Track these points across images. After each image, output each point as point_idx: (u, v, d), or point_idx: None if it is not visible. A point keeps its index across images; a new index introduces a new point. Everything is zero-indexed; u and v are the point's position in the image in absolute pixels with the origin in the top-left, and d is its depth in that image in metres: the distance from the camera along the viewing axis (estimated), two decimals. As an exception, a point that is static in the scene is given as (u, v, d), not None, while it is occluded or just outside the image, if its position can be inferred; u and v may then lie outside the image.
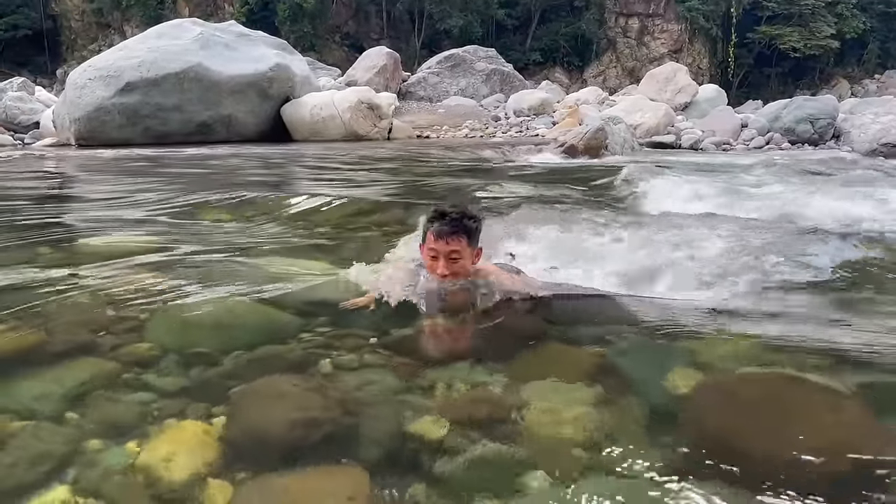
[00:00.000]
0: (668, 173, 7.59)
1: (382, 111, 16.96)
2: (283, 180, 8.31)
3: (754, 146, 15.54)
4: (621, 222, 4.48)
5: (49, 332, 2.34)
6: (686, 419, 1.82)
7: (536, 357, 2.25)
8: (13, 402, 1.83)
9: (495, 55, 27.30)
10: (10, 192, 6.95)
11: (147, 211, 5.27)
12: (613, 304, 2.79)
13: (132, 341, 2.26)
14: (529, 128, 19.23)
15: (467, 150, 13.01)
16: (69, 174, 9.30)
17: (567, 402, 1.85)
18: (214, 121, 15.24)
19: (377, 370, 2.07)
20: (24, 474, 1.51)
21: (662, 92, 21.43)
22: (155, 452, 1.58)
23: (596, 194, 6.61)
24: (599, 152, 11.53)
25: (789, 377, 2.04)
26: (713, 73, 41.93)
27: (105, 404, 1.84)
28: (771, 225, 4.58)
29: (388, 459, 1.63)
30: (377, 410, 1.82)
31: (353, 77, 23.48)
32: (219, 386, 1.94)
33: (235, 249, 3.76)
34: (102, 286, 2.91)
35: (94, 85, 14.39)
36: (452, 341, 2.49)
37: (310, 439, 1.67)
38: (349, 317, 2.54)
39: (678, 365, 2.11)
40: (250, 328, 2.42)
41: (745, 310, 2.72)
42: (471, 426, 1.73)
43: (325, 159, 10.96)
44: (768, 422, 1.76)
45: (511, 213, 4.69)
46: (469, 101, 23.87)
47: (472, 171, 9.40)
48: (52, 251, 3.68)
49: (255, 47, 16.67)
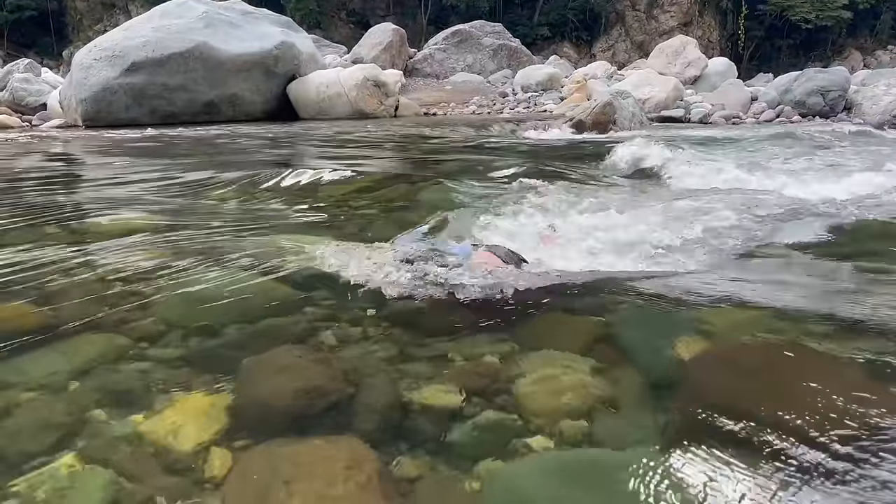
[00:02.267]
0: (677, 147, 7.53)
1: (389, 88, 16.88)
2: (289, 159, 8.30)
3: (764, 119, 15.41)
4: (630, 196, 4.47)
5: (57, 308, 2.37)
6: (688, 387, 1.82)
7: (537, 326, 2.25)
8: (22, 375, 1.86)
9: (502, 30, 27.05)
10: (19, 173, 6.98)
11: (153, 190, 5.29)
12: (613, 275, 2.78)
13: (138, 317, 2.28)
14: (537, 103, 19.10)
15: (474, 127, 12.95)
16: (76, 155, 9.33)
17: (568, 371, 1.86)
18: (220, 100, 15.21)
19: (379, 341, 2.09)
20: (31, 443, 1.54)
21: (671, 65, 21.21)
22: (161, 423, 1.60)
23: (604, 169, 6.58)
24: (608, 127, 11.46)
25: (793, 345, 2.04)
26: (723, 45, 41.46)
27: (112, 377, 1.86)
28: (776, 197, 4.55)
29: (390, 428, 1.64)
30: (379, 380, 1.84)
31: (359, 54, 23.34)
32: (224, 358, 1.96)
33: (240, 227, 3.77)
34: (109, 263, 2.93)
35: (99, 65, 14.37)
36: (452, 312, 2.50)
37: (313, 409, 1.69)
38: (351, 290, 2.56)
39: (681, 333, 2.11)
40: (254, 302, 2.43)
41: (749, 279, 2.71)
42: (472, 395, 1.75)
43: (331, 137, 10.94)
44: (772, 389, 1.77)
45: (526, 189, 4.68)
46: (476, 77, 23.71)
47: (479, 147, 9.36)
48: (60, 230, 3.70)
49: (260, 25, 16.58)
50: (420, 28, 37.99)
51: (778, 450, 1.48)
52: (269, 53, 15.66)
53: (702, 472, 1.42)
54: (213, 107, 15.19)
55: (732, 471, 1.42)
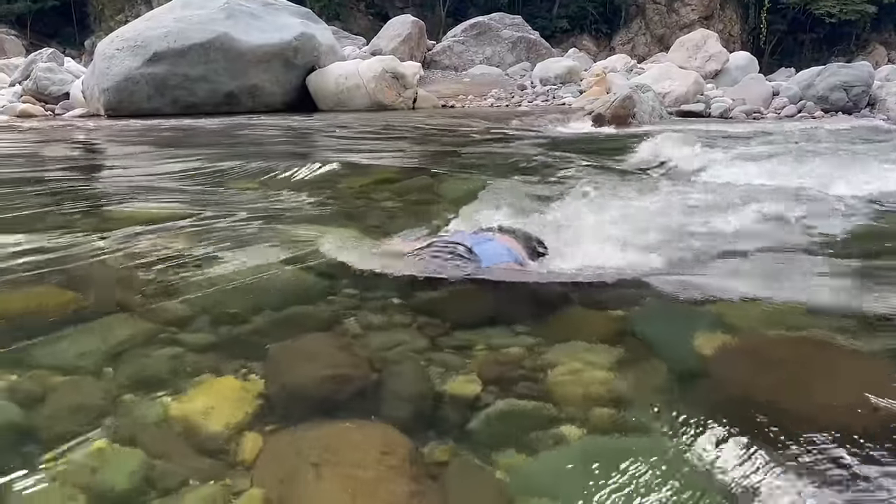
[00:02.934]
0: (702, 141, 7.49)
1: (407, 80, 16.88)
2: (309, 150, 8.34)
3: (785, 114, 15.24)
4: (653, 189, 4.46)
5: (85, 293, 2.41)
6: (711, 380, 1.83)
7: (561, 319, 2.27)
8: (54, 357, 1.90)
9: (522, 23, 26.92)
10: (45, 161, 7.08)
11: (176, 179, 5.34)
12: (635, 269, 2.79)
13: (165, 302, 2.32)
14: (556, 96, 19.01)
15: (492, 120, 12.93)
16: (100, 144, 9.43)
17: (593, 363, 1.87)
18: (241, 91, 15.28)
19: (404, 330, 2.11)
20: (64, 425, 1.57)
21: (692, 59, 21.02)
22: (190, 406, 1.64)
23: (626, 162, 6.55)
24: (627, 121, 11.40)
25: (816, 340, 2.04)
26: (745, 39, 40.95)
27: (142, 360, 1.90)
28: (800, 192, 4.52)
29: (417, 416, 1.67)
30: (405, 368, 1.86)
31: (378, 46, 23.34)
32: (251, 344, 1.99)
33: (263, 216, 3.81)
34: (136, 250, 2.97)
35: (122, 55, 14.49)
36: (477, 305, 2.52)
37: (341, 395, 1.72)
38: (377, 280, 2.58)
39: (703, 328, 2.12)
40: (280, 290, 2.47)
41: (774, 274, 2.71)
42: (497, 385, 1.77)
43: (350, 129, 10.97)
44: (794, 383, 1.77)
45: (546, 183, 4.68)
46: (495, 69, 23.64)
47: (497, 140, 9.35)
48: (87, 217, 3.76)
49: (280, 16, 16.62)
50: (439, 20, 37.85)
51: (801, 442, 1.49)
52: (289, 45, 15.71)
53: (725, 462, 1.43)
54: (234, 97, 15.27)
55: (756, 462, 1.43)
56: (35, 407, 1.65)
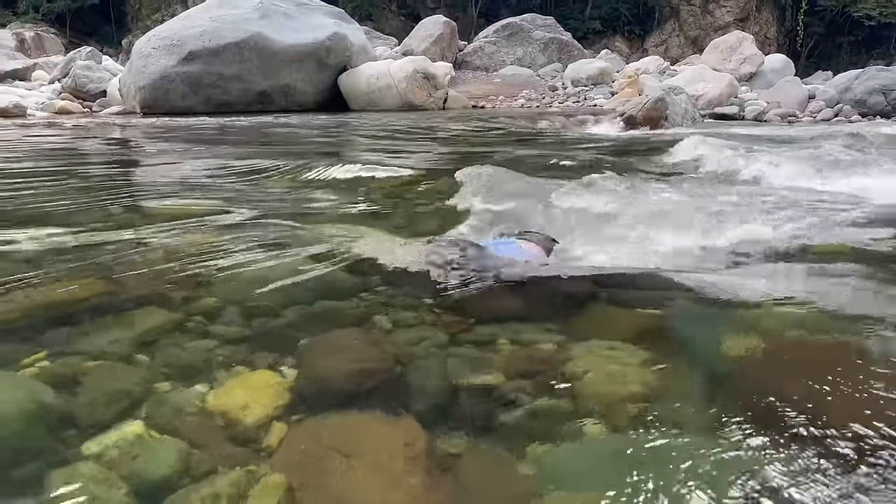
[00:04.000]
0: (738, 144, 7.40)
1: (438, 81, 16.94)
2: (341, 149, 8.42)
3: (822, 118, 15.02)
4: (686, 192, 4.43)
5: (120, 285, 2.47)
6: (740, 382, 1.82)
7: (586, 317, 2.28)
8: (88, 344, 1.95)
9: (554, 24, 26.86)
10: (82, 158, 7.24)
11: (210, 176, 5.43)
12: (664, 269, 2.78)
13: (198, 295, 2.37)
14: (587, 98, 18.95)
15: (523, 120, 12.92)
16: (136, 141, 9.61)
17: (619, 361, 1.88)
18: (274, 90, 15.48)
19: (432, 327, 2.13)
20: (101, 410, 1.62)
21: (726, 62, 20.80)
22: (226, 396, 1.68)
23: (660, 164, 6.51)
24: (659, 123, 11.33)
25: (848, 344, 2.02)
26: (781, 42, 40.38)
27: (174, 350, 1.94)
28: (842, 197, 4.46)
29: (440, 409, 1.69)
30: (431, 363, 1.88)
31: (410, 46, 23.46)
32: (282, 337, 2.03)
33: (294, 214, 3.86)
34: (169, 244, 3.04)
35: (158, 54, 14.77)
36: (503, 302, 2.54)
37: (367, 388, 1.75)
38: (405, 277, 2.61)
39: (732, 329, 2.11)
40: (310, 286, 2.50)
41: (807, 278, 2.68)
42: (523, 381, 1.78)
43: (381, 129, 11.04)
44: (825, 387, 1.76)
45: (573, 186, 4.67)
46: (526, 70, 23.62)
47: (527, 141, 9.35)
48: (122, 211, 3.85)
49: (314, 16, 16.80)
50: (470, 21, 37.91)
51: (833, 447, 1.48)
52: (322, 45, 15.87)
53: (754, 463, 1.43)
54: (267, 96, 15.47)
55: (785, 465, 1.42)
56: (70, 391, 1.70)
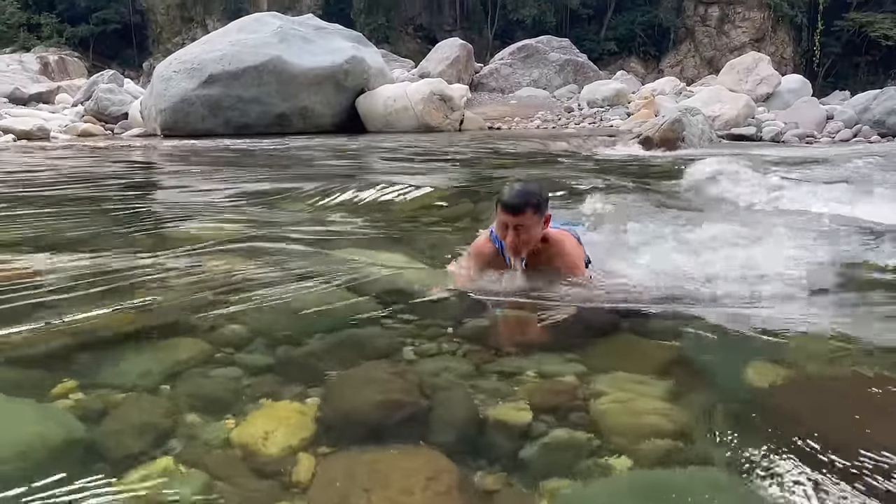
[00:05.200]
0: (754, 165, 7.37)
1: (454, 103, 17.05)
2: (359, 171, 8.48)
3: (840, 139, 14.92)
4: (705, 216, 4.41)
5: (147, 313, 2.50)
6: (764, 414, 1.81)
7: (609, 348, 2.27)
8: (117, 376, 1.97)
9: (569, 45, 26.99)
10: (105, 181, 7.34)
11: (231, 200, 5.49)
12: (686, 298, 2.77)
13: (223, 323, 2.39)
14: (603, 119, 18.98)
15: (539, 142, 12.95)
16: (157, 164, 9.74)
17: (643, 394, 1.87)
18: (292, 112, 15.65)
19: (455, 358, 2.14)
20: (131, 443, 1.63)
21: (743, 82, 20.75)
22: (251, 428, 1.68)
23: (678, 187, 6.49)
24: (676, 144, 11.29)
25: (872, 376, 2.00)
26: (797, 62, 40.27)
27: (201, 381, 1.96)
28: (856, 223, 4.41)
29: (466, 442, 1.68)
30: (455, 395, 1.88)
31: (426, 69, 23.65)
32: (307, 367, 2.04)
33: (316, 239, 3.89)
34: (193, 271, 3.07)
35: (178, 77, 14.99)
36: (526, 331, 2.54)
37: (393, 420, 1.75)
38: (426, 307, 2.62)
39: (756, 360, 2.09)
40: (335, 314, 2.52)
41: (830, 307, 2.66)
42: (546, 413, 1.78)
43: (399, 150, 11.11)
44: (850, 420, 1.74)
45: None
46: (541, 91, 23.71)
47: (543, 163, 9.36)
48: (146, 237, 3.90)
49: (332, 40, 17.00)
50: (486, 43, 38.17)
51: (859, 481, 1.46)
52: (340, 68, 16.03)
53: (777, 498, 1.42)
54: (285, 119, 15.63)
55: (811, 498, 1.41)
56: (101, 424, 1.71)
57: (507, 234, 2.73)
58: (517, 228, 2.72)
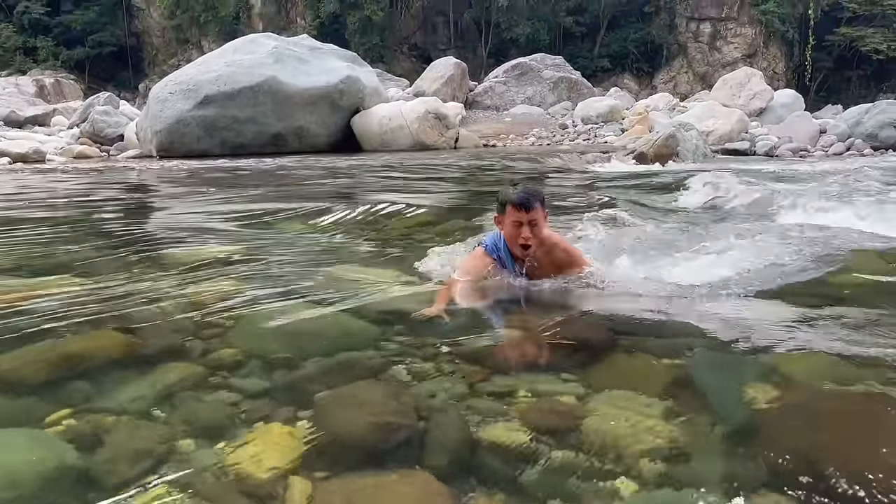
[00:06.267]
0: (750, 180, 7.40)
1: (449, 121, 17.12)
2: (354, 190, 8.49)
3: (833, 153, 15.01)
4: (703, 230, 4.41)
5: (141, 337, 2.48)
6: (765, 434, 1.79)
7: (606, 367, 2.25)
8: (111, 401, 1.95)
9: (563, 63, 27.14)
10: (100, 203, 7.33)
11: (226, 221, 5.48)
12: (684, 315, 2.76)
13: (217, 346, 2.37)
14: (598, 135, 19.05)
15: (534, 159, 12.99)
16: (153, 185, 9.74)
17: (640, 414, 1.85)
18: (287, 132, 15.69)
19: (450, 378, 2.12)
20: (124, 469, 1.61)
21: (736, 97, 20.89)
22: (244, 453, 1.66)
23: (674, 201, 6.51)
24: (670, 159, 11.36)
25: (872, 394, 1.99)
26: (789, 77, 40.59)
27: (195, 405, 1.94)
28: (850, 236, 4.42)
29: (461, 465, 1.66)
30: (450, 417, 1.86)
31: (421, 88, 23.76)
32: (301, 390, 2.02)
33: (311, 258, 3.88)
34: (187, 294, 3.05)
35: (174, 98, 15.03)
36: (522, 351, 2.52)
37: (387, 443, 1.73)
38: (421, 326, 2.61)
39: (754, 379, 2.08)
40: (329, 335, 2.50)
41: (824, 323, 2.65)
42: (543, 434, 1.76)
43: (394, 169, 11.13)
44: (850, 438, 1.73)
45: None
46: (536, 109, 23.81)
47: (539, 179, 9.39)
48: (141, 259, 3.88)
49: (327, 60, 17.08)
50: (480, 61, 38.42)
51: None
52: (335, 87, 16.10)
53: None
54: (281, 138, 15.67)
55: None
56: (94, 451, 1.69)
57: (522, 231, 2.87)
58: (531, 224, 2.86)
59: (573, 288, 3.10)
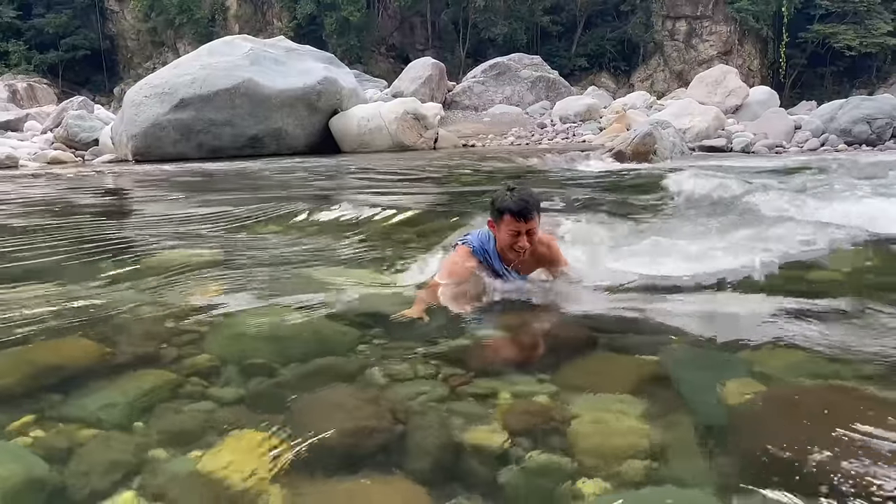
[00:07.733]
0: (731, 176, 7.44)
1: (428, 121, 17.08)
2: (332, 192, 8.43)
3: (808, 148, 15.17)
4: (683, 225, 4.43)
5: (113, 344, 2.44)
6: (742, 431, 1.79)
7: (586, 367, 2.25)
8: (82, 410, 1.91)
9: (540, 62, 27.20)
10: (73, 209, 7.22)
11: (202, 225, 5.42)
12: (662, 312, 2.76)
13: (192, 353, 2.33)
14: (576, 134, 19.10)
15: (513, 158, 13.00)
16: (127, 190, 9.61)
17: (619, 413, 1.85)
18: (265, 134, 15.56)
19: (429, 381, 2.10)
20: (96, 481, 1.57)
21: (712, 95, 21.04)
22: (217, 461, 1.63)
23: (652, 198, 6.53)
24: (648, 157, 11.41)
25: (848, 389, 2.00)
26: (764, 74, 41.04)
27: (169, 414, 1.90)
28: (829, 231, 4.46)
29: (440, 469, 1.65)
30: (429, 420, 1.85)
31: (399, 88, 23.70)
32: (277, 396, 1.99)
33: (288, 261, 3.85)
34: (162, 299, 3.01)
35: (149, 102, 14.85)
36: (501, 351, 2.51)
37: (365, 448, 1.71)
38: (400, 328, 2.58)
39: (732, 376, 2.08)
40: (305, 340, 2.48)
41: (808, 317, 2.66)
42: (522, 436, 1.75)
43: (373, 170, 11.08)
44: (827, 434, 1.73)
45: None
46: (514, 108, 23.84)
47: (518, 179, 9.39)
48: (114, 265, 3.82)
49: (304, 61, 16.97)
50: (459, 61, 38.42)
51: (835, 499, 1.45)
52: (313, 89, 15.99)
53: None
54: (258, 141, 15.53)
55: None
56: (64, 462, 1.66)
57: (519, 240, 2.85)
58: (528, 233, 2.85)
59: (553, 287, 3.10)
